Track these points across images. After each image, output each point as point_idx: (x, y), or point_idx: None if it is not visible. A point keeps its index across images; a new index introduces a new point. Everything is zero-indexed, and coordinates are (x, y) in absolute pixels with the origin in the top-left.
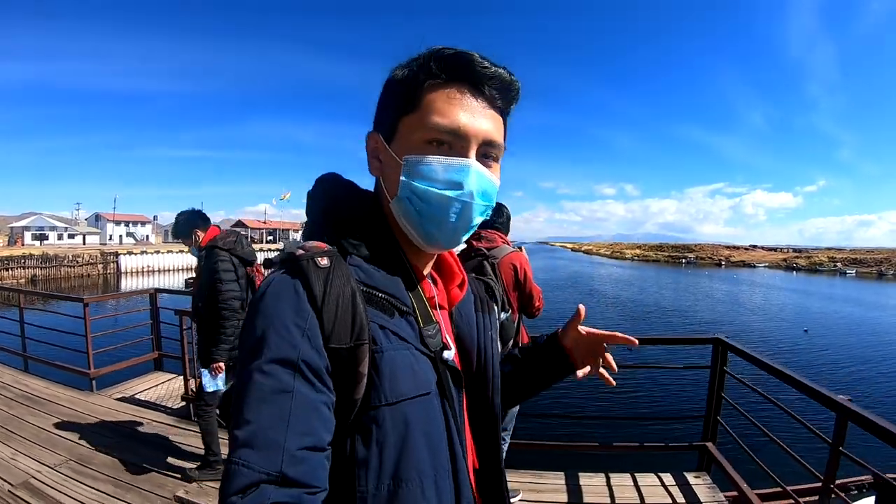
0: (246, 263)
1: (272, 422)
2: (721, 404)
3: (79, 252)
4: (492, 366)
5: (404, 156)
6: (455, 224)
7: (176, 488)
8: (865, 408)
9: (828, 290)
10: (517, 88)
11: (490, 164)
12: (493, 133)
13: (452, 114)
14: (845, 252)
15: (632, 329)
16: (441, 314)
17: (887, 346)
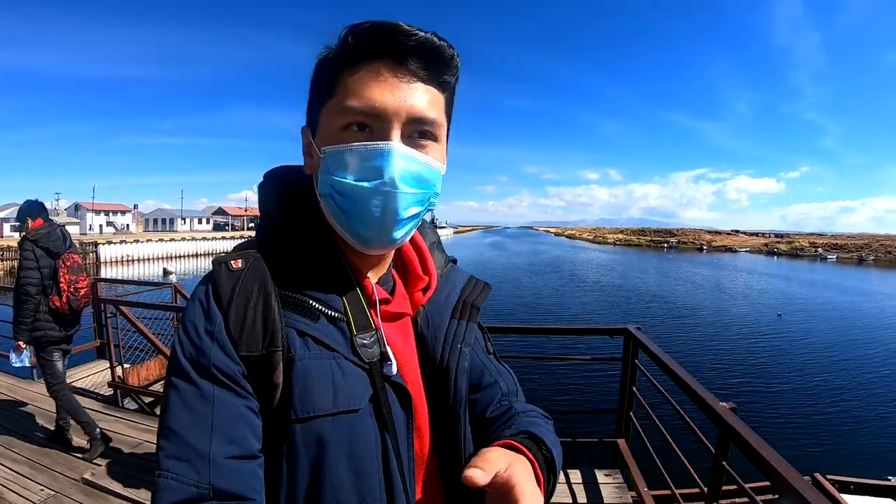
0: (52, 255)
1: (195, 431)
2: (634, 399)
3: None
4: (454, 386)
5: (323, 147)
6: (381, 218)
7: (84, 470)
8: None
9: (808, 276)
10: (450, 55)
11: (424, 143)
12: (422, 108)
13: (369, 92)
14: (826, 238)
15: (608, 315)
16: (398, 324)
17: (863, 332)
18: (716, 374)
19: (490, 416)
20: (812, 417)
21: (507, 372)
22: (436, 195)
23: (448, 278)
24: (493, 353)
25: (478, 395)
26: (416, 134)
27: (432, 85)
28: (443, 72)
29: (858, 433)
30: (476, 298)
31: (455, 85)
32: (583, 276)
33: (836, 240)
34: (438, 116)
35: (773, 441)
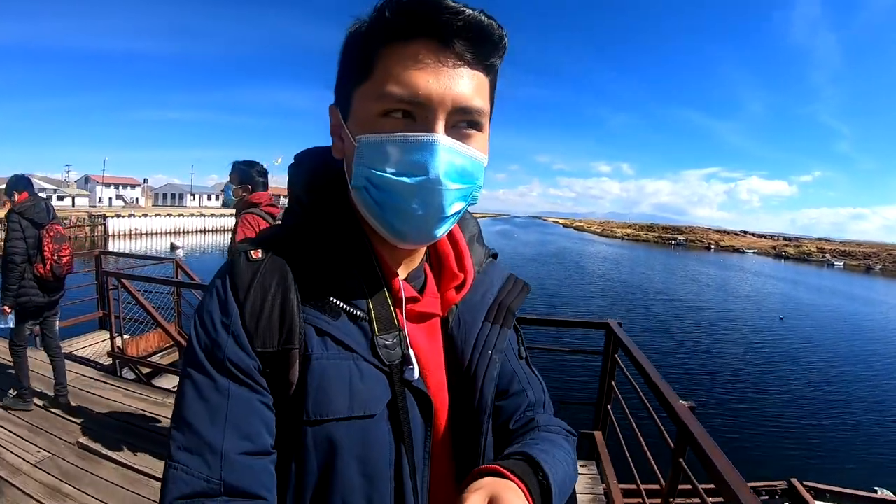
0: (36, 226)
1: (208, 424)
2: (612, 393)
3: (66, 214)
4: (479, 395)
5: (357, 136)
6: (423, 216)
7: (80, 435)
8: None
9: (814, 281)
10: (500, 35)
11: (469, 133)
12: (467, 96)
13: (411, 78)
14: (835, 244)
15: (610, 309)
16: (426, 325)
17: (864, 342)
18: (710, 373)
19: (512, 426)
20: (803, 423)
21: (537, 379)
22: (479, 189)
23: (486, 275)
24: (525, 358)
25: (504, 402)
26: (462, 124)
27: (479, 69)
28: (490, 54)
29: (852, 443)
30: (514, 301)
31: (500, 67)
32: (588, 269)
33: (844, 246)
34: (484, 104)
35: (757, 442)
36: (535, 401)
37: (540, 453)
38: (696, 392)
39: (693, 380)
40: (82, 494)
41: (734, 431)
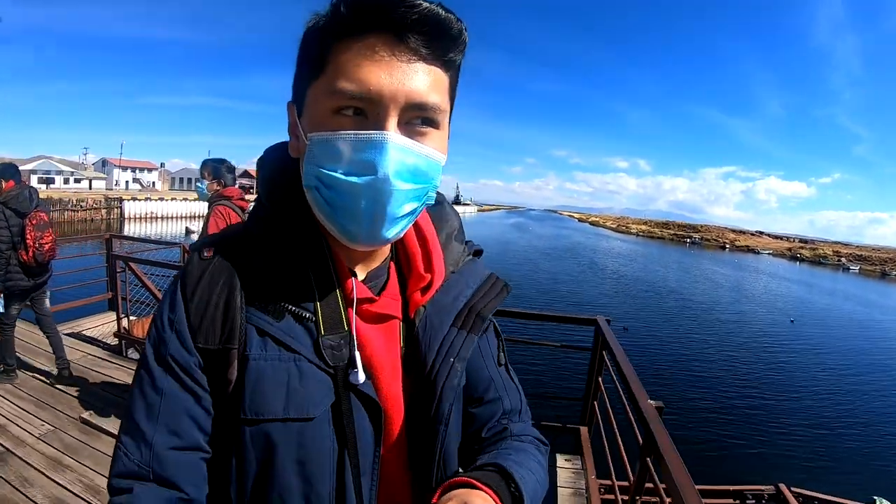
0: (20, 215)
1: (145, 419)
2: (599, 390)
3: (83, 196)
4: (437, 403)
5: (309, 134)
6: (372, 217)
7: (83, 411)
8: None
9: (829, 285)
10: (458, 29)
11: (424, 131)
12: (422, 92)
13: (363, 73)
14: (852, 248)
15: (619, 307)
16: (383, 327)
17: (877, 351)
18: (715, 373)
19: (485, 434)
20: (805, 428)
21: (515, 387)
22: (434, 188)
23: (462, 276)
24: (504, 365)
25: (478, 409)
26: (416, 121)
27: (436, 64)
28: (448, 49)
29: (853, 451)
30: (486, 306)
31: (461, 63)
32: (601, 265)
33: (861, 251)
34: (441, 101)
35: (753, 445)
36: (511, 409)
37: (513, 465)
38: (700, 392)
39: (697, 379)
40: (82, 466)
41: (731, 433)
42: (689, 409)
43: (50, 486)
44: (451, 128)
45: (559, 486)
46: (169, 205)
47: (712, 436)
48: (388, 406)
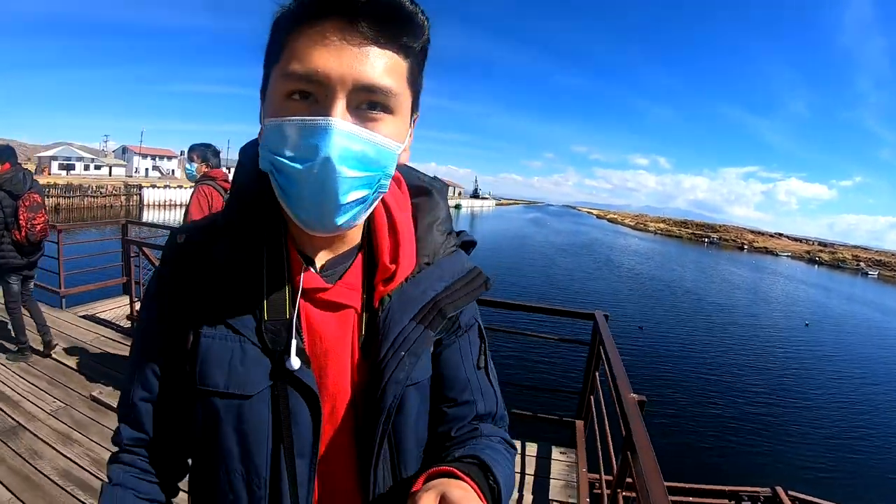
0: (13, 196)
1: (129, 377)
2: (595, 384)
3: (103, 183)
4: (381, 395)
5: (265, 119)
6: (319, 204)
7: (93, 389)
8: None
9: (847, 290)
10: (410, 13)
11: (376, 116)
12: (371, 75)
13: (312, 56)
14: (871, 252)
15: (637, 305)
16: (337, 315)
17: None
18: (725, 374)
19: (454, 434)
20: (813, 433)
21: (493, 391)
22: (387, 177)
23: (438, 268)
24: (484, 368)
25: (451, 409)
26: (366, 105)
27: (390, 48)
28: (401, 34)
29: (861, 461)
30: (451, 303)
31: (421, 49)
32: (618, 262)
33: (880, 255)
34: (395, 85)
35: (756, 446)
36: (486, 413)
37: (489, 458)
38: (708, 392)
39: (706, 380)
40: (90, 442)
41: (735, 434)
42: (696, 408)
43: (58, 458)
44: (419, 115)
45: (552, 477)
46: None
47: (716, 435)
48: (332, 393)
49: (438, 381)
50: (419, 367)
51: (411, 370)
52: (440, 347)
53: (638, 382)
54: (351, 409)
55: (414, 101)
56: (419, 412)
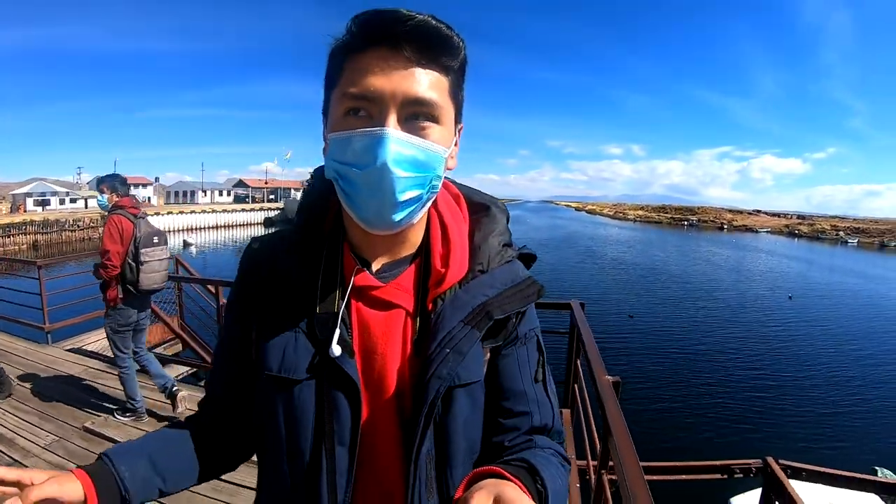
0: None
1: (214, 355)
2: (578, 372)
3: (79, 216)
4: (425, 389)
5: (329, 135)
6: (379, 202)
7: (85, 420)
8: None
9: (827, 260)
10: (446, 37)
11: (424, 125)
12: (416, 90)
13: (366, 78)
14: (849, 221)
15: (618, 294)
16: (388, 314)
17: (873, 322)
18: (711, 353)
19: (508, 444)
20: (805, 403)
21: (549, 405)
22: (438, 178)
23: (492, 276)
24: (541, 381)
25: (505, 419)
26: (414, 116)
27: (430, 68)
28: (440, 54)
29: (850, 424)
30: (498, 307)
31: (459, 67)
32: (600, 253)
33: (858, 223)
34: (439, 98)
35: (749, 419)
36: (541, 425)
37: (539, 464)
38: (697, 371)
39: (694, 360)
40: None
41: (726, 409)
42: (686, 388)
43: None
44: (463, 126)
45: None
46: (165, 219)
47: (707, 412)
48: (378, 385)
49: (495, 391)
50: (466, 368)
51: (455, 367)
52: (498, 358)
53: (626, 368)
54: (397, 403)
55: (457, 113)
56: (469, 417)
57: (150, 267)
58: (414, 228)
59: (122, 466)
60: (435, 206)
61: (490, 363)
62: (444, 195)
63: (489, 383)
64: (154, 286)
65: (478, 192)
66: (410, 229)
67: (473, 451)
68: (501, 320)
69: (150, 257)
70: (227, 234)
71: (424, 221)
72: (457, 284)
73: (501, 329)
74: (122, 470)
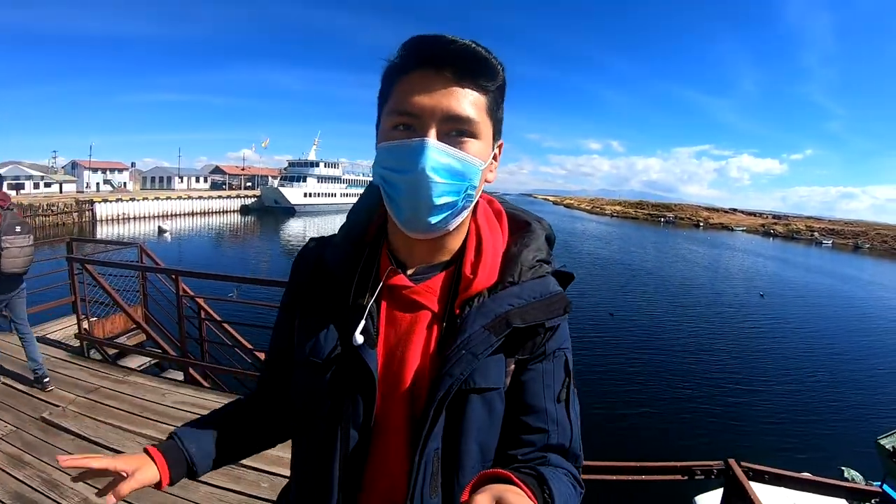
0: None
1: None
2: None
3: (54, 201)
4: (437, 386)
5: (377, 144)
6: (417, 204)
7: (44, 410)
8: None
9: (802, 260)
10: (484, 59)
11: (462, 140)
12: (455, 108)
13: (410, 97)
14: (824, 222)
15: (597, 291)
16: (415, 314)
17: (849, 324)
18: (686, 353)
19: (521, 458)
20: (771, 403)
21: (569, 426)
22: (473, 188)
23: (521, 288)
24: (564, 402)
25: (523, 435)
26: (454, 132)
27: (469, 87)
28: (478, 76)
29: (817, 426)
30: (519, 316)
31: (497, 88)
32: (577, 248)
33: (833, 225)
34: (475, 115)
35: (715, 422)
36: (557, 445)
37: (548, 475)
38: (670, 372)
39: (666, 360)
40: (41, 463)
41: (691, 409)
42: (653, 388)
43: (10, 481)
44: (503, 143)
45: None
46: (141, 205)
47: (671, 413)
48: (397, 377)
49: (516, 404)
50: (483, 374)
51: (468, 368)
52: (523, 372)
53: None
54: (411, 398)
55: (495, 131)
56: (484, 425)
57: (9, 253)
58: (451, 237)
59: (192, 447)
60: (475, 219)
61: (515, 376)
62: (486, 210)
63: (511, 396)
64: (16, 270)
65: (525, 211)
66: (448, 237)
67: (486, 459)
68: (530, 334)
69: (11, 244)
70: (204, 220)
71: (463, 232)
72: (485, 292)
73: (528, 342)
74: (190, 449)
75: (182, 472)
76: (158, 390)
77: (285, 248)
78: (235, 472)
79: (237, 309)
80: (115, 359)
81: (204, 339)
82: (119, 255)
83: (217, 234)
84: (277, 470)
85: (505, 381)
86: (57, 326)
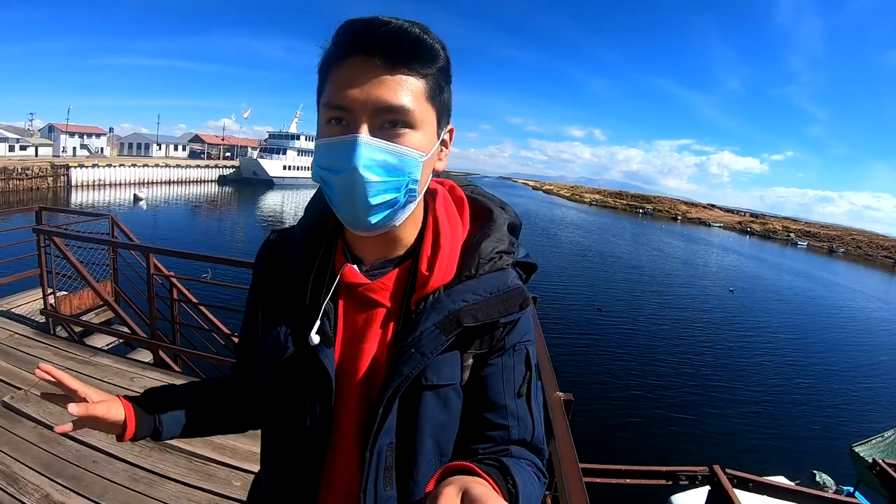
0: None
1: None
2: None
3: (28, 164)
4: (385, 384)
5: (315, 142)
6: (353, 205)
7: (4, 393)
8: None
9: (778, 260)
10: (417, 41)
11: (398, 132)
12: (387, 98)
13: (340, 88)
14: (801, 224)
15: (579, 283)
16: (369, 310)
17: (823, 328)
18: (661, 352)
19: (482, 452)
20: (747, 407)
21: (530, 421)
22: (415, 182)
23: (479, 282)
24: (525, 396)
25: (483, 429)
26: (388, 123)
27: (404, 74)
28: (413, 60)
29: (794, 432)
30: (471, 315)
31: (438, 71)
32: (555, 235)
33: (810, 227)
34: (412, 104)
35: (700, 427)
36: (519, 440)
37: (511, 466)
38: (646, 374)
39: (640, 362)
40: (0, 454)
41: (673, 413)
42: (635, 392)
43: None
44: (453, 128)
45: None
46: (117, 171)
47: (652, 419)
48: (353, 375)
49: (476, 400)
50: (435, 371)
51: (416, 367)
52: (482, 367)
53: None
54: (366, 394)
55: (440, 115)
56: (439, 420)
57: None
58: (405, 229)
59: (162, 405)
60: (434, 208)
61: (474, 371)
62: (446, 199)
63: (471, 391)
64: None
65: (489, 197)
66: (401, 230)
67: (443, 453)
68: (487, 328)
69: None
70: (180, 189)
71: (417, 223)
72: (441, 288)
73: (486, 336)
74: (160, 411)
75: (148, 430)
76: (126, 374)
77: (260, 224)
78: (205, 468)
79: (212, 290)
80: (82, 336)
81: (176, 320)
82: (91, 226)
83: (193, 205)
84: (250, 466)
85: (462, 376)
86: (23, 300)
